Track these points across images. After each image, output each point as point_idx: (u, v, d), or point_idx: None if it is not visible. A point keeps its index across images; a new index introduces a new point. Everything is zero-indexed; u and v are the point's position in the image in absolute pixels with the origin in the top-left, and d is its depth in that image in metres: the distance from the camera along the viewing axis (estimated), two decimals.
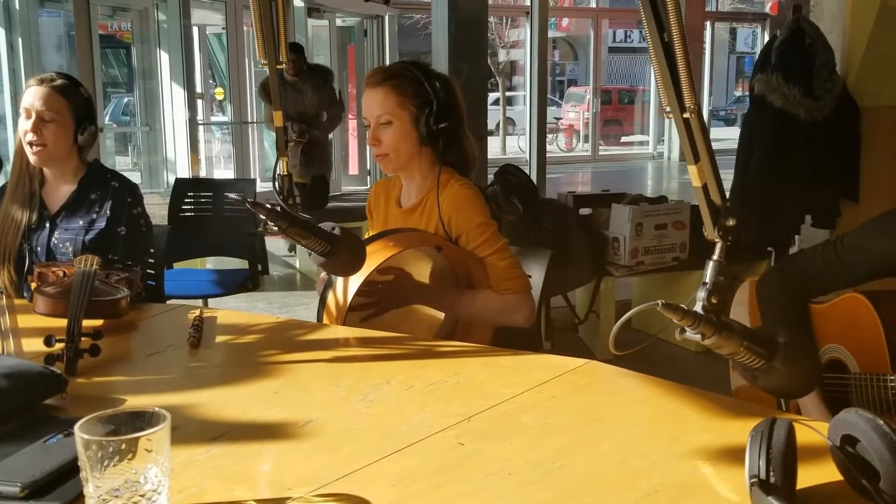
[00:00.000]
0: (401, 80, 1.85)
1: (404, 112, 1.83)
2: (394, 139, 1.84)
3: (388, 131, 1.84)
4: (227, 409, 1.24)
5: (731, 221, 1.09)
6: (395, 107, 1.82)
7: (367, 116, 1.87)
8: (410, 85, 1.84)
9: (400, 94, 1.83)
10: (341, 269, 1.62)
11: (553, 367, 1.38)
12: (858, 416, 0.92)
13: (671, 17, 0.99)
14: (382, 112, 1.84)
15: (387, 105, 1.83)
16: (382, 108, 1.83)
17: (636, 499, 0.94)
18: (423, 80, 1.84)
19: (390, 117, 1.83)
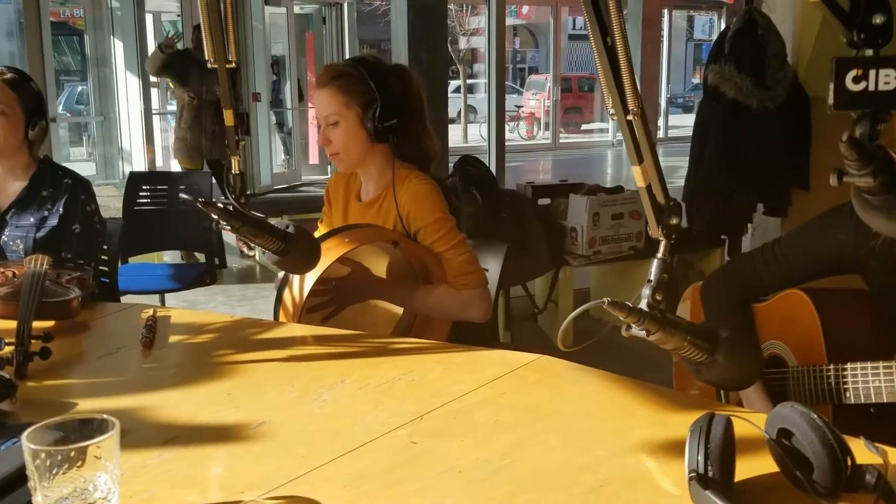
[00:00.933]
0: (346, 79, 1.86)
1: (350, 112, 1.84)
2: (342, 139, 1.86)
3: (336, 131, 1.86)
4: (180, 411, 1.24)
5: (675, 220, 1.11)
6: (341, 107, 1.84)
7: (317, 116, 1.89)
8: (356, 84, 1.85)
9: (345, 94, 1.84)
10: (296, 266, 1.62)
11: (505, 363, 1.40)
12: (793, 410, 0.96)
13: (614, 22, 1.00)
14: (329, 112, 1.86)
15: (333, 105, 1.85)
16: (329, 108, 1.85)
17: (582, 494, 0.96)
18: (369, 79, 1.84)
19: (337, 117, 1.85)
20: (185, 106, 5.91)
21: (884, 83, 0.79)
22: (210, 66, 1.38)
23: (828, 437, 0.92)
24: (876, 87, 0.80)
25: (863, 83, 0.80)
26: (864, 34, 0.81)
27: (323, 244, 1.72)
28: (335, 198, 2.08)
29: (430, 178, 1.92)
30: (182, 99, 5.97)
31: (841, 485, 0.91)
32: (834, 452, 0.91)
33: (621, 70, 1.03)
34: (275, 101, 9.65)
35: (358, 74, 1.85)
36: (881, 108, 0.80)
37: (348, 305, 1.93)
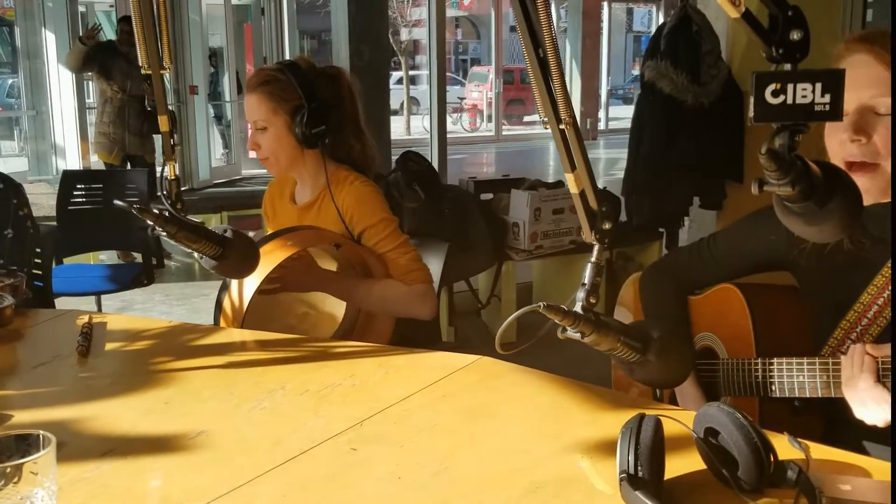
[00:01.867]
0: (274, 85, 1.86)
1: (277, 118, 1.85)
2: (271, 144, 1.87)
3: (264, 137, 1.87)
4: (118, 422, 1.22)
5: (607, 225, 1.14)
6: (269, 113, 1.85)
7: (248, 120, 1.89)
8: (284, 90, 1.85)
9: (272, 100, 1.85)
10: (234, 271, 1.61)
11: (445, 366, 1.42)
12: (719, 410, 1.00)
13: (545, 34, 1.02)
14: (258, 118, 1.87)
15: (261, 111, 1.85)
16: (257, 114, 1.86)
17: (518, 496, 0.99)
18: (297, 85, 1.84)
19: (265, 123, 1.86)
20: (107, 100, 5.77)
21: (801, 97, 0.83)
22: (144, 72, 1.36)
23: (751, 436, 0.96)
24: (794, 101, 0.83)
25: (781, 96, 0.83)
26: (783, 50, 0.84)
27: (265, 247, 1.71)
28: (271, 208, 2.08)
29: (370, 180, 1.93)
30: (104, 93, 5.82)
31: (764, 481, 0.95)
32: (757, 450, 0.95)
33: (553, 80, 1.05)
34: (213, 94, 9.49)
35: (286, 80, 1.85)
36: (799, 120, 0.84)
37: (294, 291, 1.91)
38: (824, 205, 0.87)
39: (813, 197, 0.87)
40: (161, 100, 1.39)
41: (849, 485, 0.96)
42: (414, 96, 18.10)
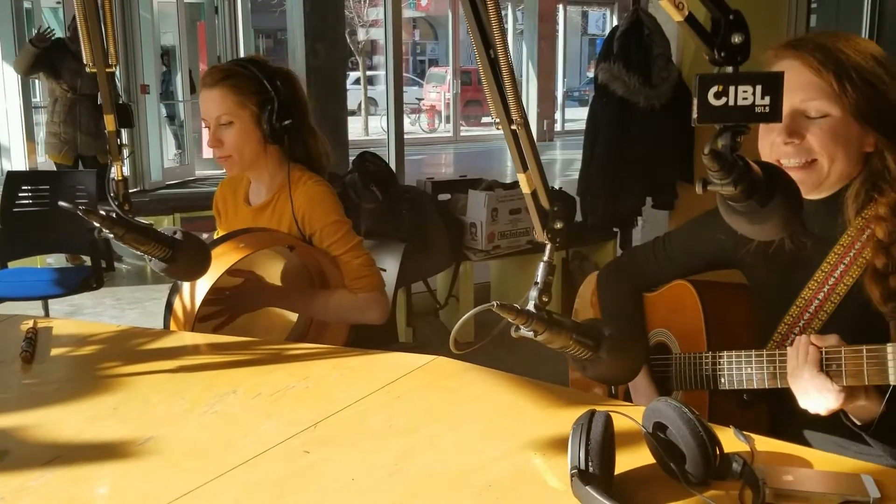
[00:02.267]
0: (239, 78, 1.82)
1: (244, 111, 1.81)
2: (236, 140, 1.82)
3: (229, 132, 1.82)
4: (63, 429, 1.20)
5: (559, 224, 1.15)
6: (235, 106, 1.80)
7: (206, 118, 1.84)
8: (250, 83, 1.82)
9: (239, 94, 1.81)
10: (184, 274, 1.58)
11: (400, 366, 1.42)
12: (667, 405, 1.01)
13: (496, 35, 1.03)
14: (222, 112, 1.81)
15: (226, 105, 1.81)
16: (222, 108, 1.81)
17: (472, 495, 0.99)
18: (263, 78, 1.82)
19: (231, 117, 1.81)
20: (57, 99, 5.65)
21: (742, 98, 0.85)
22: (89, 69, 1.33)
23: (698, 429, 0.97)
24: (735, 102, 0.85)
25: (723, 98, 0.85)
26: (725, 52, 0.86)
27: (216, 250, 1.69)
28: (223, 207, 2.05)
29: (324, 180, 1.91)
30: (53, 91, 5.70)
31: (710, 474, 0.97)
32: (703, 443, 0.97)
33: (504, 82, 1.06)
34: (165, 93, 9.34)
35: (251, 74, 1.82)
36: (740, 121, 0.86)
37: (242, 313, 1.90)
38: (766, 203, 0.89)
39: (755, 196, 0.89)
40: (107, 98, 1.36)
41: (791, 476, 0.98)
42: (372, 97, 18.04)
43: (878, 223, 1.24)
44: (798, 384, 1.19)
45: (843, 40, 1.27)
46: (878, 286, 1.22)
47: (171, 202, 6.67)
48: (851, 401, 1.15)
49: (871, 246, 1.24)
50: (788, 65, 1.26)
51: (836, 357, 1.14)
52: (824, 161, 1.26)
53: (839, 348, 1.14)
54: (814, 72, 1.24)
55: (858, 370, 1.12)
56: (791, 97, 1.25)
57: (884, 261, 1.22)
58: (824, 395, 1.15)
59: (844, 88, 1.23)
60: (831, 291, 1.30)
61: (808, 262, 1.33)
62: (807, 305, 1.32)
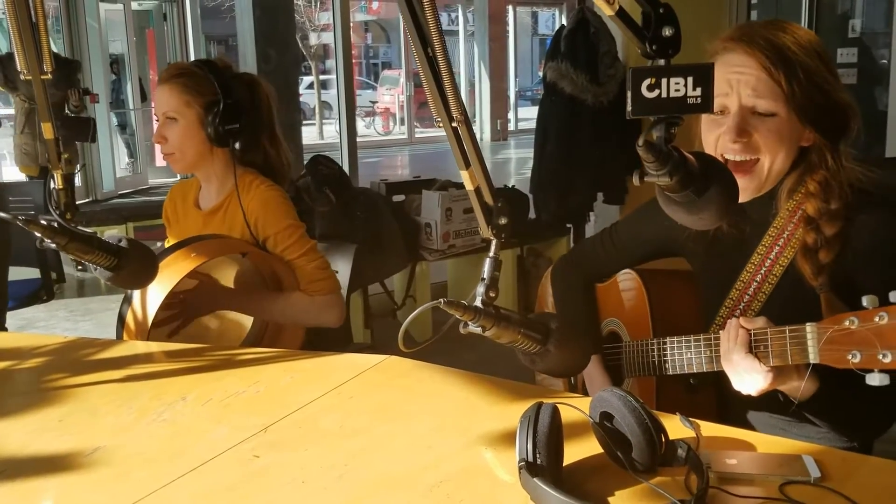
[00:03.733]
0: (191, 78, 1.82)
1: (190, 110, 1.81)
2: (179, 137, 1.82)
3: (173, 129, 1.82)
4: (7, 443, 1.17)
5: (504, 220, 1.16)
6: (181, 105, 1.80)
7: (156, 113, 1.85)
8: (200, 84, 1.81)
9: (187, 92, 1.81)
10: (131, 282, 1.56)
11: (353, 367, 1.41)
12: (612, 394, 1.03)
13: (433, 33, 1.03)
14: (168, 109, 1.82)
15: (172, 102, 1.81)
16: (168, 104, 1.82)
17: (422, 492, 0.99)
18: (215, 80, 1.81)
19: (175, 115, 1.81)
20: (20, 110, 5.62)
21: (674, 90, 0.86)
22: (24, 77, 1.31)
23: (643, 417, 0.99)
24: (668, 94, 0.87)
25: (656, 91, 0.87)
26: (656, 46, 0.88)
27: (168, 258, 1.67)
28: (173, 213, 2.03)
29: (276, 184, 1.90)
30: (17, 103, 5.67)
31: (656, 461, 0.99)
32: (648, 431, 0.98)
33: (443, 79, 1.07)
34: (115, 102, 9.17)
35: (203, 75, 1.82)
36: (673, 113, 0.87)
37: (197, 317, 1.88)
38: (702, 193, 0.91)
39: (691, 186, 0.90)
40: (43, 106, 1.34)
41: (735, 459, 1.00)
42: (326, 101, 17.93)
43: (808, 200, 1.28)
44: (729, 366, 1.22)
45: (789, 34, 1.28)
46: (809, 262, 1.26)
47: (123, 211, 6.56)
48: (782, 381, 1.18)
49: (803, 224, 1.28)
50: (739, 60, 1.28)
51: (764, 338, 1.17)
52: (766, 160, 1.29)
53: (766, 329, 1.17)
54: (765, 71, 1.26)
55: (783, 350, 1.15)
56: (741, 94, 1.27)
57: (813, 237, 1.26)
58: (753, 376, 1.18)
59: (793, 89, 1.25)
60: (768, 273, 1.33)
61: (746, 247, 1.36)
62: (745, 288, 1.36)
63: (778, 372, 1.17)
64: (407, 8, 1.03)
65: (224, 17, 14.26)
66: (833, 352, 1.09)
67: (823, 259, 1.25)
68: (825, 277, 1.24)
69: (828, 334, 1.09)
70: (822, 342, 1.10)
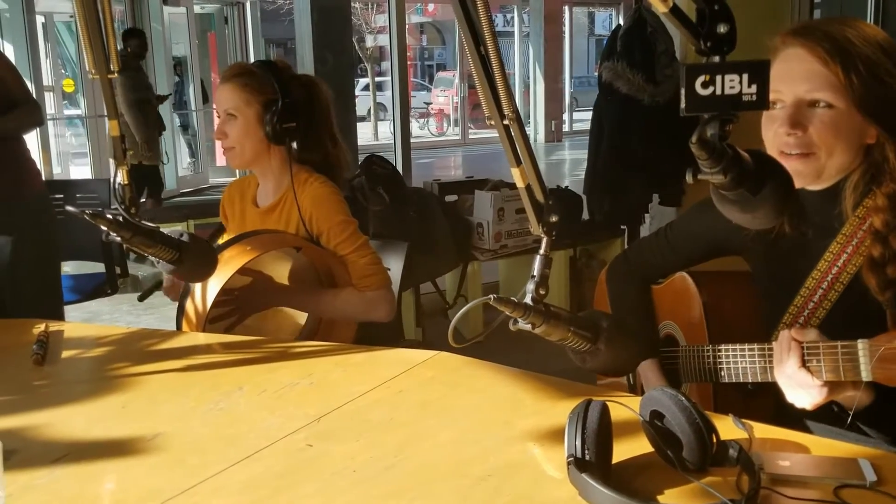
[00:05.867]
0: (250, 77, 1.87)
1: (249, 108, 1.85)
2: (238, 134, 1.87)
3: (233, 125, 1.88)
4: (71, 428, 1.22)
5: (554, 218, 1.16)
6: (241, 102, 1.85)
7: (217, 110, 1.90)
8: (259, 82, 1.86)
9: (246, 91, 1.85)
10: (191, 275, 1.61)
11: (403, 362, 1.43)
12: (663, 393, 1.02)
13: (486, 30, 1.04)
14: (228, 106, 1.87)
15: (233, 100, 1.86)
16: (229, 102, 1.87)
17: (469, 485, 1.00)
18: (274, 80, 1.85)
19: (235, 112, 1.86)
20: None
21: (729, 87, 0.86)
22: (91, 77, 1.36)
23: (694, 417, 0.98)
24: (722, 91, 0.86)
25: (710, 88, 0.86)
26: (711, 42, 0.87)
27: (224, 253, 1.71)
28: (230, 209, 2.07)
29: (330, 181, 1.93)
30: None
31: (707, 460, 0.98)
32: (700, 431, 0.98)
33: (495, 76, 1.07)
34: (178, 103, 9.42)
35: (263, 74, 1.87)
36: (727, 110, 0.86)
37: (251, 314, 1.93)
38: (757, 192, 0.89)
39: (745, 184, 0.89)
40: (111, 105, 1.38)
41: (788, 461, 0.99)
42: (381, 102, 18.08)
43: (876, 214, 1.24)
44: (782, 379, 1.18)
45: (851, 28, 1.25)
46: (875, 275, 1.22)
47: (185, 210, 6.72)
48: (837, 393, 1.14)
49: (870, 236, 1.24)
50: (795, 53, 1.25)
51: (816, 352, 1.14)
52: (822, 153, 1.25)
53: (818, 343, 1.14)
54: (820, 62, 1.23)
55: (835, 366, 1.11)
56: (796, 87, 1.24)
57: (881, 250, 1.22)
58: (807, 391, 1.14)
59: (850, 80, 1.21)
60: (834, 281, 1.30)
61: (809, 252, 1.33)
62: (811, 295, 1.32)
63: (832, 386, 1.14)
64: (460, 5, 1.04)
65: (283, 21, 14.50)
66: (886, 370, 1.05)
67: (892, 274, 1.21)
68: (892, 293, 1.21)
69: (881, 352, 1.06)
70: (875, 360, 1.07)
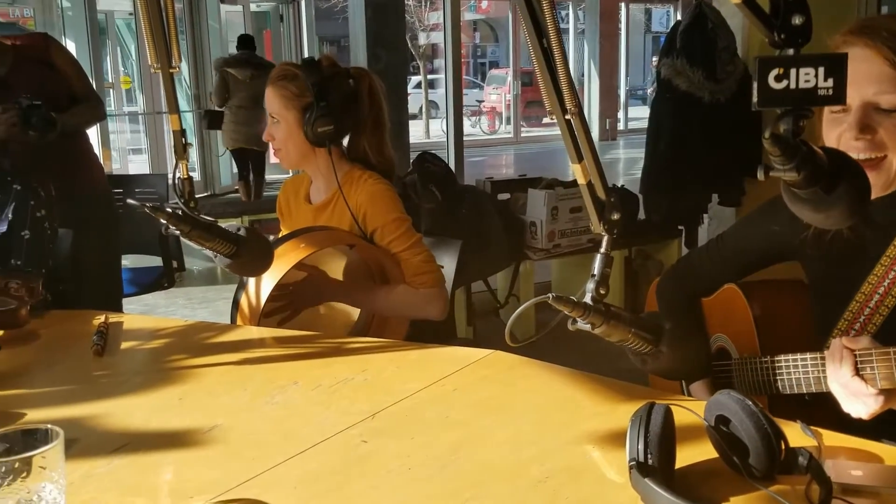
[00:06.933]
0: (291, 81, 1.88)
1: (289, 113, 1.88)
2: (282, 137, 1.90)
3: (278, 129, 1.91)
4: (130, 418, 1.24)
5: (616, 216, 1.13)
6: (281, 107, 1.88)
7: (267, 111, 1.91)
8: (298, 87, 1.87)
9: (286, 96, 1.88)
10: (248, 269, 1.62)
11: (457, 360, 1.42)
12: (729, 398, 0.99)
13: (549, 23, 1.02)
14: (272, 110, 1.91)
15: (274, 104, 1.89)
16: (271, 106, 1.90)
17: (527, 486, 0.98)
18: (313, 83, 1.85)
19: (277, 116, 1.89)
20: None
21: (804, 81, 0.82)
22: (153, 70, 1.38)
23: (762, 423, 0.95)
24: (797, 85, 0.82)
25: (784, 81, 0.83)
26: (785, 35, 0.83)
27: (279, 249, 1.72)
28: (286, 207, 2.09)
29: (384, 178, 1.93)
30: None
31: (775, 468, 0.94)
32: (768, 437, 0.94)
33: (557, 70, 1.05)
34: None
35: (302, 77, 1.87)
36: (802, 105, 0.83)
37: (305, 309, 1.93)
38: (831, 191, 0.86)
39: (819, 182, 0.86)
40: (171, 99, 1.40)
41: (860, 470, 0.95)
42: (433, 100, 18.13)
43: None
44: (836, 388, 1.14)
45: None
46: None
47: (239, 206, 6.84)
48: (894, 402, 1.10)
49: None
50: (860, 54, 1.20)
51: (869, 359, 1.09)
52: (893, 157, 1.21)
53: (871, 350, 1.09)
54: (888, 63, 1.18)
55: (890, 373, 1.06)
56: (863, 89, 1.19)
57: None
58: (862, 399, 1.10)
59: None
60: (892, 285, 1.24)
61: (866, 255, 1.28)
62: (867, 301, 1.27)
63: (889, 394, 1.09)
64: None
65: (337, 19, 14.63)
66: None
67: None
68: None
69: None
70: None
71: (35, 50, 2.77)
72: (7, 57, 2.70)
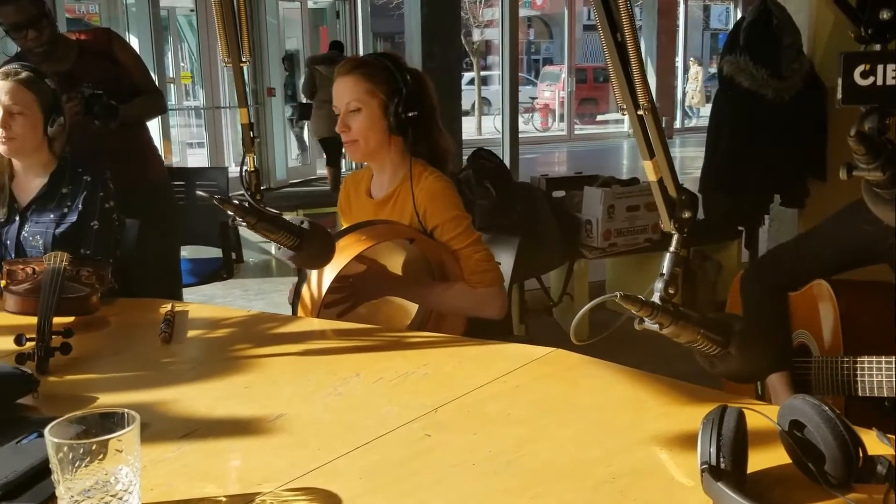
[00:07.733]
0: (371, 68, 1.87)
1: (373, 99, 1.85)
2: (362, 126, 1.86)
3: (357, 118, 1.87)
4: (198, 405, 1.26)
5: (687, 214, 1.12)
6: (364, 94, 1.85)
7: (337, 104, 1.90)
8: (381, 73, 1.86)
9: (369, 82, 1.85)
10: (310, 262, 1.64)
11: (519, 356, 1.41)
12: (805, 402, 0.96)
13: (623, 17, 1.01)
14: (351, 99, 1.86)
15: (356, 92, 1.85)
16: (352, 94, 1.86)
17: (593, 486, 0.97)
18: (394, 70, 1.86)
19: (359, 104, 1.86)
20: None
21: (892, 78, 0.80)
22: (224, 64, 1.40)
23: (839, 429, 0.92)
24: (884, 82, 0.80)
25: (871, 78, 0.80)
26: (872, 29, 0.81)
27: (340, 241, 1.74)
28: (346, 203, 2.10)
29: (444, 175, 1.93)
30: None
31: (852, 476, 0.92)
32: (845, 444, 0.91)
33: (631, 65, 1.04)
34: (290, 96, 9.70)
35: (383, 65, 1.87)
36: (889, 102, 0.80)
37: (364, 302, 1.95)
38: None
39: None
40: (241, 93, 1.42)
41: None
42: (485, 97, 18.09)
43: None
44: None
45: None
46: None
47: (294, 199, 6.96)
48: None
49: None
50: None
51: None
52: None
53: None
54: None
55: None
56: None
57: None
58: None
59: None
60: None
61: None
62: None
63: None
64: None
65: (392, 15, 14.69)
66: None
67: None
68: None
69: None
70: None
71: (99, 44, 2.84)
72: (72, 51, 2.78)
